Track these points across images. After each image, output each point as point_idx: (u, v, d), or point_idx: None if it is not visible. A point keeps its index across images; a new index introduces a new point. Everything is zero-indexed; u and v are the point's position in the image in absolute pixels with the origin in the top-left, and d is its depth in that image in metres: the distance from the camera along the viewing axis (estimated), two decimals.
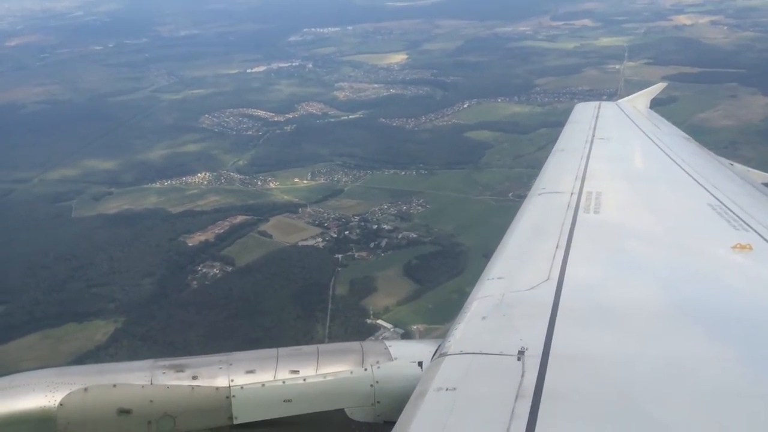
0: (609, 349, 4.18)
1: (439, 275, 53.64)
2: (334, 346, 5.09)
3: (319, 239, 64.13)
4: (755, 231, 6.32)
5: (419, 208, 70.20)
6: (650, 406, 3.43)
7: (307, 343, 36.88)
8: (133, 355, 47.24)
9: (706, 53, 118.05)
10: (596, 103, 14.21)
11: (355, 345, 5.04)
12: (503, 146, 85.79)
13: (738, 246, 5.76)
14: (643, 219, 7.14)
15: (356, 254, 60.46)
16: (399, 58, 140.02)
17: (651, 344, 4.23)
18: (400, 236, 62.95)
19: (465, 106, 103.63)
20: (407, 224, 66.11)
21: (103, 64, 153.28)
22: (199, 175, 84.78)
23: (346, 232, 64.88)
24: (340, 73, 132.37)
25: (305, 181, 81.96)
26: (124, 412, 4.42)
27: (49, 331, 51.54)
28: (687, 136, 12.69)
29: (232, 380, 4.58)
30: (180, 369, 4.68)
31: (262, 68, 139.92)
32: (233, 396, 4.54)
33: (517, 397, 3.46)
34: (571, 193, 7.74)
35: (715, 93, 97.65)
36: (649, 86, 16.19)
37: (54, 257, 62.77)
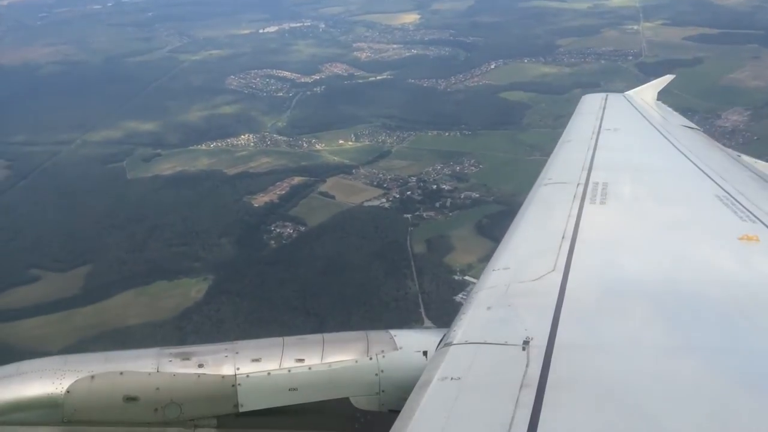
0: (614, 339, 4.19)
1: None
2: (339, 336, 5.16)
3: (383, 200, 65.93)
4: (762, 222, 6.30)
5: (472, 168, 72.16)
6: (654, 397, 3.45)
7: (409, 301, 39.72)
8: (236, 310, 49.31)
9: (722, 14, 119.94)
10: (603, 94, 14.19)
11: (360, 334, 5.10)
12: (541, 107, 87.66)
13: (745, 237, 5.77)
14: (650, 210, 7.15)
15: (424, 214, 62.42)
16: (411, 18, 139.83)
17: (656, 335, 4.23)
18: (462, 196, 65.01)
19: (492, 66, 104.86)
20: (465, 184, 68.14)
21: (107, 23, 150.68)
22: (242, 136, 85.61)
23: (408, 193, 66.71)
24: (354, 34, 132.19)
25: (350, 143, 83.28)
26: (130, 399, 4.45)
27: (141, 289, 53.12)
28: (695, 126, 12.74)
29: (238, 368, 4.61)
30: (186, 357, 4.69)
31: (273, 28, 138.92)
32: (239, 384, 4.57)
33: (521, 386, 3.47)
34: (578, 184, 7.73)
35: (738, 54, 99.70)
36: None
37: (125, 218, 63.91)
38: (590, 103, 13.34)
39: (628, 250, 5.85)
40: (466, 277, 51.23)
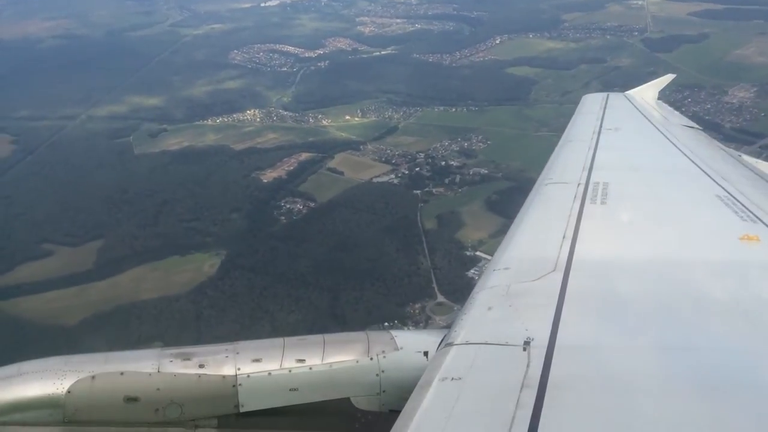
0: (615, 340, 4.19)
1: None
2: (340, 336, 5.10)
3: (392, 176, 66.09)
4: (763, 222, 6.29)
5: (480, 144, 72.26)
6: (654, 397, 3.45)
7: (421, 276, 39.98)
8: (250, 285, 49.66)
9: None
10: (604, 94, 14.21)
11: (360, 335, 5.05)
12: (547, 82, 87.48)
13: (746, 237, 5.77)
14: (650, 210, 7.16)
15: (434, 190, 62.69)
16: None
17: (657, 335, 4.24)
18: (471, 172, 65.16)
19: (497, 42, 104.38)
20: (473, 160, 68.30)
21: None
22: (248, 112, 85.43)
23: (417, 169, 66.86)
24: (357, 8, 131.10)
25: (356, 119, 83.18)
26: (131, 399, 4.45)
27: (155, 264, 53.38)
28: (696, 126, 12.69)
29: (239, 369, 4.60)
30: (187, 357, 4.68)
31: (275, 2, 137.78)
32: (240, 384, 4.56)
33: (522, 387, 3.47)
34: (578, 184, 7.69)
35: (744, 30, 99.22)
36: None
37: (134, 193, 64.00)
38: (591, 102, 13.36)
39: (628, 250, 5.87)
40: (478, 253, 51.60)
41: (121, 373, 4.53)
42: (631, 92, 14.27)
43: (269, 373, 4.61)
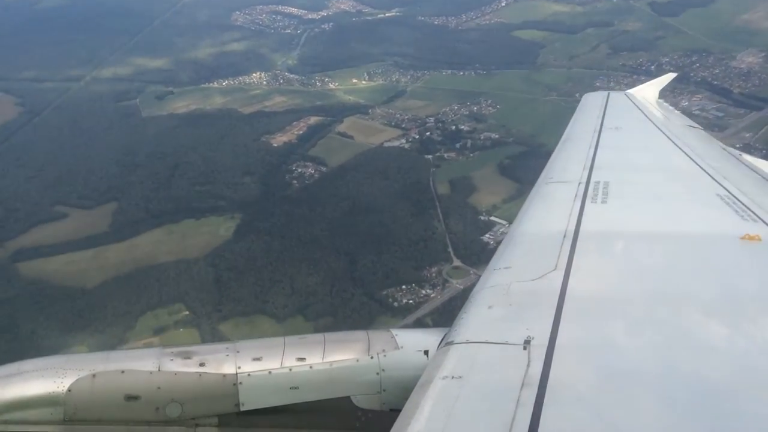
0: (615, 339, 4.20)
1: (536, 174, 56.27)
2: (340, 335, 5.13)
3: (403, 140, 66.17)
4: (764, 221, 6.26)
5: (490, 108, 72.17)
6: (655, 397, 3.45)
7: (437, 241, 40.37)
8: (267, 248, 50.08)
9: None
10: (605, 92, 14.06)
11: (361, 334, 5.06)
12: (555, 46, 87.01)
13: (747, 237, 5.73)
14: (651, 209, 7.15)
15: (445, 155, 62.84)
16: None
17: (657, 335, 4.23)
18: (482, 137, 65.28)
19: (503, 4, 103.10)
20: (484, 125, 68.31)
21: None
22: (254, 75, 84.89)
23: (428, 134, 66.88)
24: None
25: (364, 82, 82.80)
26: (131, 398, 4.45)
27: (170, 227, 53.74)
28: (696, 125, 12.56)
29: (239, 367, 4.60)
30: (187, 356, 4.67)
31: None
32: (240, 383, 4.56)
33: (522, 386, 3.47)
34: (579, 183, 7.67)
35: None
36: None
37: (145, 156, 63.95)
38: (592, 101, 13.34)
39: (629, 249, 5.90)
40: (493, 218, 52.06)
41: (122, 372, 4.50)
42: (631, 91, 14.28)
43: (270, 372, 4.60)
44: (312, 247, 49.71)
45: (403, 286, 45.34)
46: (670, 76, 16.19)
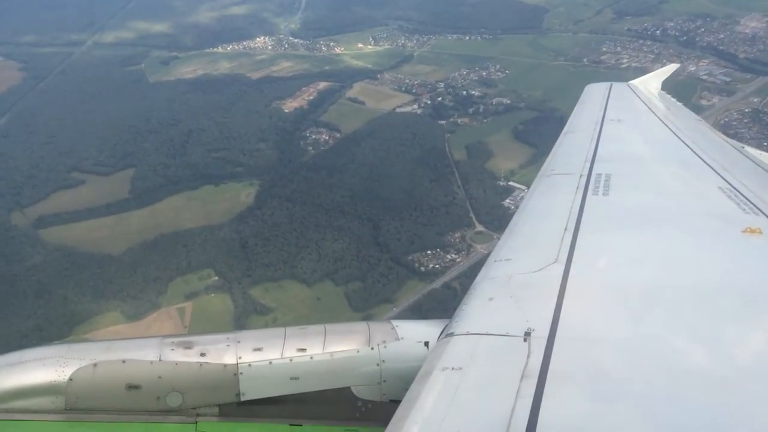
0: (615, 331, 4.20)
1: (552, 139, 56.70)
2: (340, 326, 5.13)
3: (414, 106, 66.34)
4: (765, 215, 6.26)
5: (499, 74, 72.34)
6: (654, 389, 3.46)
7: (458, 206, 41.24)
8: (290, 214, 50.51)
9: None
10: (607, 84, 14.02)
11: (361, 325, 5.08)
12: (559, 10, 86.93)
13: (748, 230, 5.74)
14: (652, 202, 7.11)
15: (459, 120, 63.15)
16: None
17: (657, 327, 4.23)
18: (494, 102, 65.57)
19: None
20: (494, 90, 68.55)
21: None
22: (258, 39, 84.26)
23: (439, 99, 67.08)
24: None
25: (369, 46, 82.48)
26: (132, 387, 4.47)
27: (190, 193, 53.93)
28: (698, 118, 12.61)
29: (240, 357, 4.62)
30: (188, 346, 4.70)
31: None
32: (241, 373, 4.59)
33: (522, 377, 3.48)
34: (581, 175, 7.65)
35: None
36: None
37: (157, 122, 63.71)
38: (594, 92, 13.24)
39: (630, 241, 5.83)
40: (511, 183, 52.74)
41: (123, 361, 4.52)
42: (634, 82, 14.19)
43: (270, 362, 4.62)
44: (334, 213, 50.20)
45: (429, 252, 46.07)
46: (673, 67, 16.34)
